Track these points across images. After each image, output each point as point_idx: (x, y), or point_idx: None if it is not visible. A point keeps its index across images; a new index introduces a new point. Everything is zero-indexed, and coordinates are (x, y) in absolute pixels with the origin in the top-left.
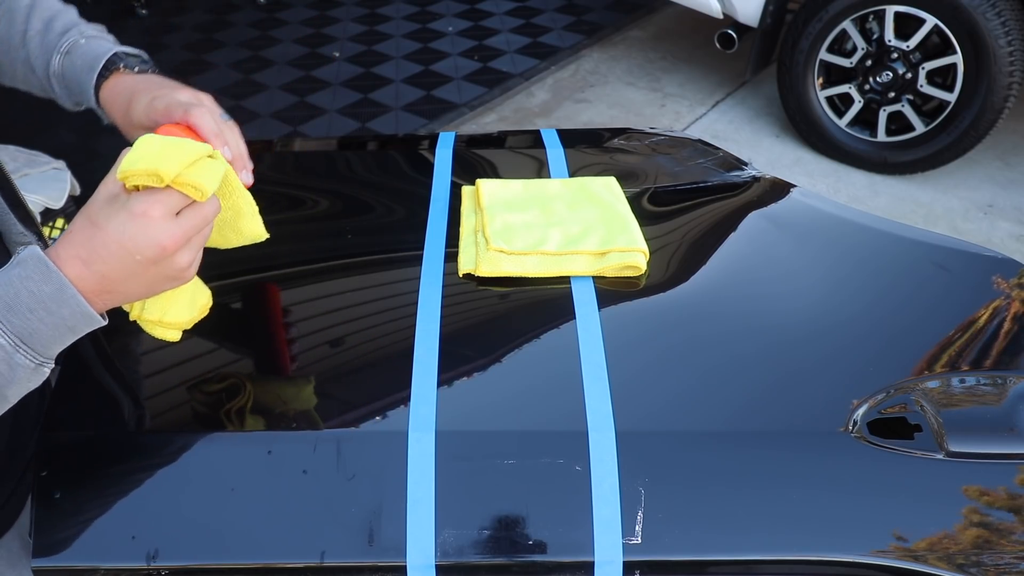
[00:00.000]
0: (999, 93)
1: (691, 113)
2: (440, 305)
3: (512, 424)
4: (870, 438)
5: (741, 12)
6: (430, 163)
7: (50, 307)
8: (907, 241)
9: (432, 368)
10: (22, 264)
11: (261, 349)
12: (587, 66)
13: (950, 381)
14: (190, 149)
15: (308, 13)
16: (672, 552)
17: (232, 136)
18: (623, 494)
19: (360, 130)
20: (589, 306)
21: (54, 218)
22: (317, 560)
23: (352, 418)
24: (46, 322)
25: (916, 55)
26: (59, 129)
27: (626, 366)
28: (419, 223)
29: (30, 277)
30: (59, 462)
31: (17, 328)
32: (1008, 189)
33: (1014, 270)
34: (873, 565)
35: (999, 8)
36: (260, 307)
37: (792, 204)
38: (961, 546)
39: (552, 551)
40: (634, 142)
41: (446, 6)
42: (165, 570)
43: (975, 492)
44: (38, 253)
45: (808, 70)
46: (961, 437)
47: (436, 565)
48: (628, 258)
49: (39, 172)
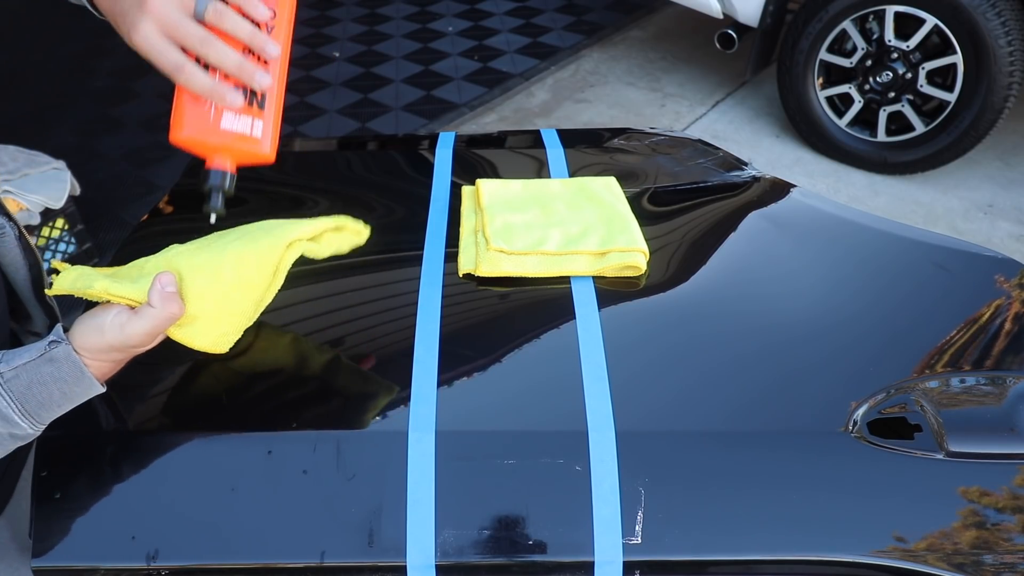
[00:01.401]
0: (999, 93)
1: (691, 113)
2: (440, 305)
3: (512, 424)
4: (870, 438)
5: (741, 12)
6: (430, 163)
7: (75, 399)
8: (907, 241)
9: (432, 368)
10: (55, 363)
11: (261, 349)
12: (587, 66)
13: (950, 381)
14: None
15: (308, 13)
16: (672, 552)
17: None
18: (623, 494)
19: (360, 130)
20: (589, 306)
21: (54, 218)
22: (317, 560)
23: (352, 418)
24: (64, 407)
25: (916, 55)
26: (59, 129)
27: (626, 366)
28: (419, 223)
29: (64, 379)
30: (59, 462)
31: (45, 420)
32: (1008, 189)
33: (1014, 270)
34: (873, 565)
35: (999, 8)
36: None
37: (792, 204)
38: (961, 546)
39: (552, 551)
40: (634, 142)
41: (446, 6)
42: (165, 570)
43: (975, 492)
44: (73, 357)
45: (808, 70)
46: (961, 437)
47: (436, 565)
48: (628, 258)
49: (39, 172)
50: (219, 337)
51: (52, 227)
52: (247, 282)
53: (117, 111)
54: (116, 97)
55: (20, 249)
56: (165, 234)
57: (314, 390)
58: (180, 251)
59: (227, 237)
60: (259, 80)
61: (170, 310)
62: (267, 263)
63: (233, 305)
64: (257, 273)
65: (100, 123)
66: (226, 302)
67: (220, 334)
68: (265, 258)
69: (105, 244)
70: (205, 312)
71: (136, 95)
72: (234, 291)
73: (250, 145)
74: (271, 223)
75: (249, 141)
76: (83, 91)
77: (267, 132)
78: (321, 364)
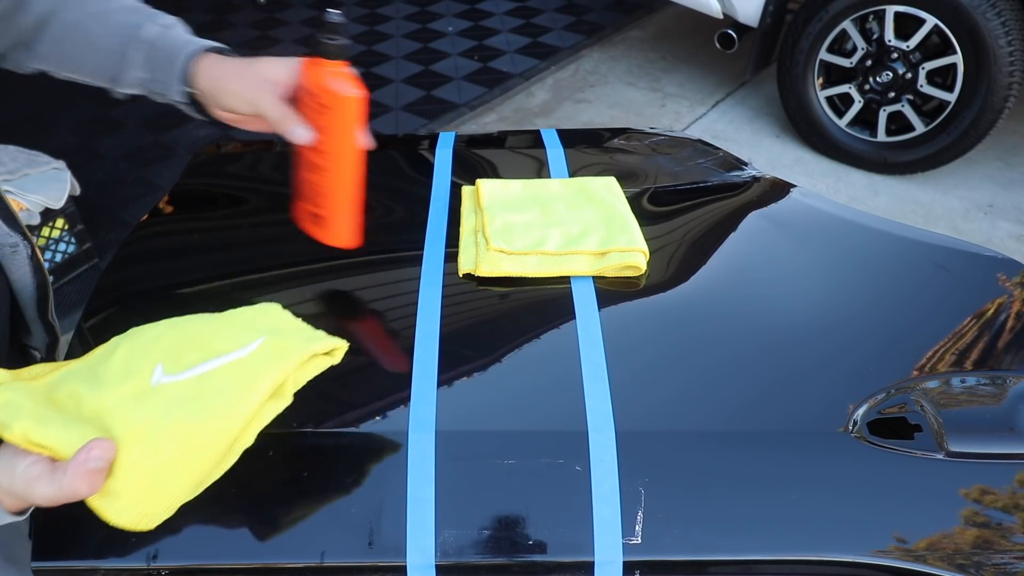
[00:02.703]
0: (999, 93)
1: (691, 113)
2: (440, 305)
3: (512, 424)
4: (870, 438)
5: (741, 12)
6: (430, 163)
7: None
8: (907, 241)
9: (432, 368)
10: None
11: None
12: (587, 66)
13: (950, 381)
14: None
15: (308, 13)
16: (672, 552)
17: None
18: (623, 494)
19: None
20: (589, 306)
21: (54, 218)
22: (317, 560)
23: (352, 418)
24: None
25: (916, 55)
26: (59, 129)
27: (626, 366)
28: (419, 223)
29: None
30: None
31: None
32: (1008, 189)
33: (1014, 270)
34: (873, 565)
35: (999, 8)
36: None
37: (792, 204)
38: (961, 546)
39: (552, 551)
40: (634, 142)
41: (446, 6)
42: (165, 570)
43: (975, 492)
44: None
45: (808, 70)
46: (961, 437)
47: (436, 565)
48: (628, 258)
49: (39, 172)
50: (141, 517)
51: (52, 227)
52: (189, 464)
53: (117, 111)
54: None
55: (31, 268)
56: (165, 234)
57: (314, 390)
58: (131, 367)
59: (200, 341)
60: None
61: (86, 490)
62: (219, 441)
63: (166, 486)
64: (204, 453)
65: (100, 123)
66: (158, 482)
67: (143, 514)
68: (218, 435)
69: (105, 244)
70: (130, 490)
71: (136, 95)
72: (171, 471)
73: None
74: (247, 356)
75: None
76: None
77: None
78: None
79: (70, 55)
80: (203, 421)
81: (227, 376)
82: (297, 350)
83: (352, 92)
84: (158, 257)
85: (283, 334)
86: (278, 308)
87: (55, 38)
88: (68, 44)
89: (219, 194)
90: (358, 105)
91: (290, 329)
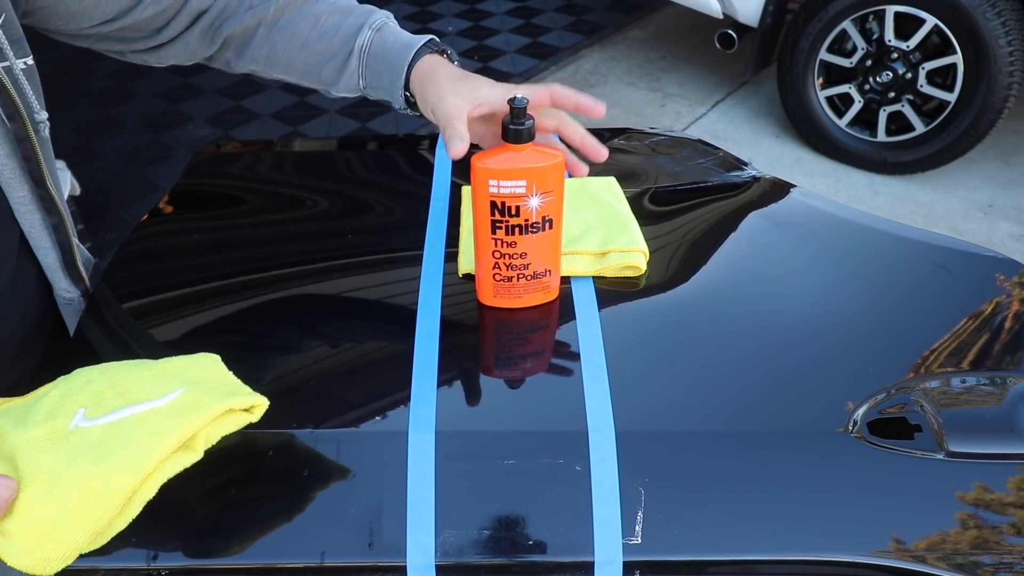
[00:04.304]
0: (999, 93)
1: (691, 113)
2: (440, 305)
3: (512, 424)
4: (870, 438)
5: (741, 12)
6: (430, 163)
7: None
8: (907, 241)
9: (432, 368)
10: None
11: (261, 349)
12: (587, 66)
13: (950, 381)
14: None
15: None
16: (672, 552)
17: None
18: (623, 494)
19: (360, 130)
20: (589, 306)
21: None
22: (317, 560)
23: (352, 418)
24: None
25: (916, 55)
26: (59, 129)
27: (626, 366)
28: (419, 223)
29: None
30: None
31: None
32: (1008, 189)
33: (1014, 270)
34: (873, 565)
35: (999, 8)
36: (259, 307)
37: (792, 204)
38: (961, 546)
39: (552, 551)
40: (634, 142)
41: (446, 6)
42: (165, 570)
43: (975, 492)
44: None
45: (808, 70)
46: (961, 437)
47: (436, 565)
48: (628, 258)
49: None
50: (38, 562)
51: None
52: (88, 511)
53: (117, 111)
54: (116, 97)
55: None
56: (165, 234)
57: (314, 390)
58: (50, 410)
59: (131, 387)
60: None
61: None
62: (119, 491)
63: (64, 532)
64: (104, 502)
65: (100, 123)
66: (56, 527)
67: (40, 559)
68: (119, 484)
69: (105, 244)
70: (26, 532)
71: (136, 95)
72: (70, 517)
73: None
74: (170, 403)
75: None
76: (83, 91)
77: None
78: (321, 364)
79: (282, 58)
80: (104, 470)
81: (137, 425)
82: (212, 404)
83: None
84: (158, 257)
85: (204, 387)
86: (215, 360)
87: (268, 42)
88: (281, 48)
89: (219, 194)
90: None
91: (214, 382)
